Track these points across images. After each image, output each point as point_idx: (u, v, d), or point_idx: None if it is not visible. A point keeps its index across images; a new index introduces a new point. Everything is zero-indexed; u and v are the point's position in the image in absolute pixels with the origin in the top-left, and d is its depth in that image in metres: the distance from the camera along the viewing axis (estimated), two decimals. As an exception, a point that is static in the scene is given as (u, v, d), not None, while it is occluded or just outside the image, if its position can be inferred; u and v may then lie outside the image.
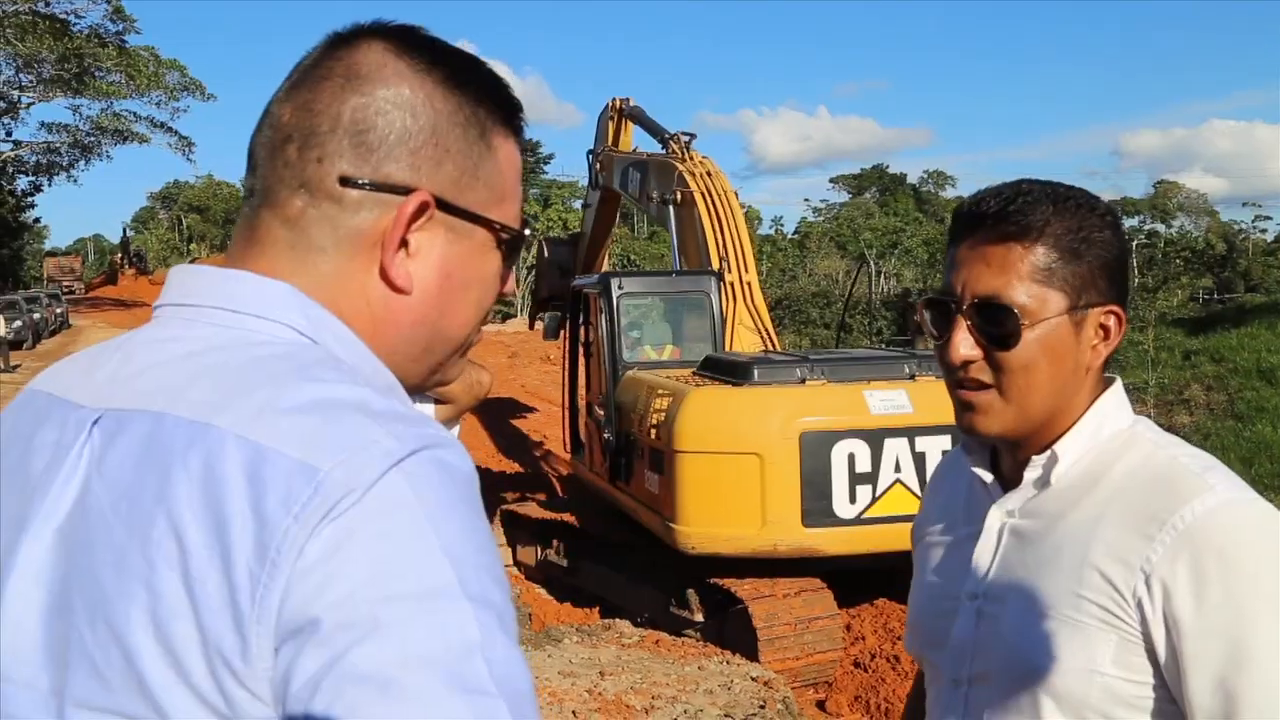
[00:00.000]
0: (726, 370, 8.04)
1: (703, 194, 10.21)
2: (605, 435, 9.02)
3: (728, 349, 9.19)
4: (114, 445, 0.79)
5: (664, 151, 11.50)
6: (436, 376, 0.96)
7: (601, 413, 9.31)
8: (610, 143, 12.99)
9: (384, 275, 0.87)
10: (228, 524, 0.71)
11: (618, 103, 13.31)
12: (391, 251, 0.86)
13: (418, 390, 0.95)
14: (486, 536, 0.76)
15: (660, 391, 8.10)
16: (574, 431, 10.77)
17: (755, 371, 7.65)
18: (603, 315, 9.23)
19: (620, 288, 9.33)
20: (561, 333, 11.32)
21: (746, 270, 9.91)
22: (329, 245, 0.86)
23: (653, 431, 8.00)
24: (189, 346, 0.83)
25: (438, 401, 2.31)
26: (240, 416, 0.75)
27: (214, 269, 0.87)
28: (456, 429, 2.49)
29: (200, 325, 0.85)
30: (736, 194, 10.58)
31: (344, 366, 0.82)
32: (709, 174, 10.63)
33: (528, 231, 0.95)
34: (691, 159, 10.93)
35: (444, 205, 0.88)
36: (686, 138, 11.39)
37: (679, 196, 10.40)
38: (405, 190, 0.86)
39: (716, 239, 9.95)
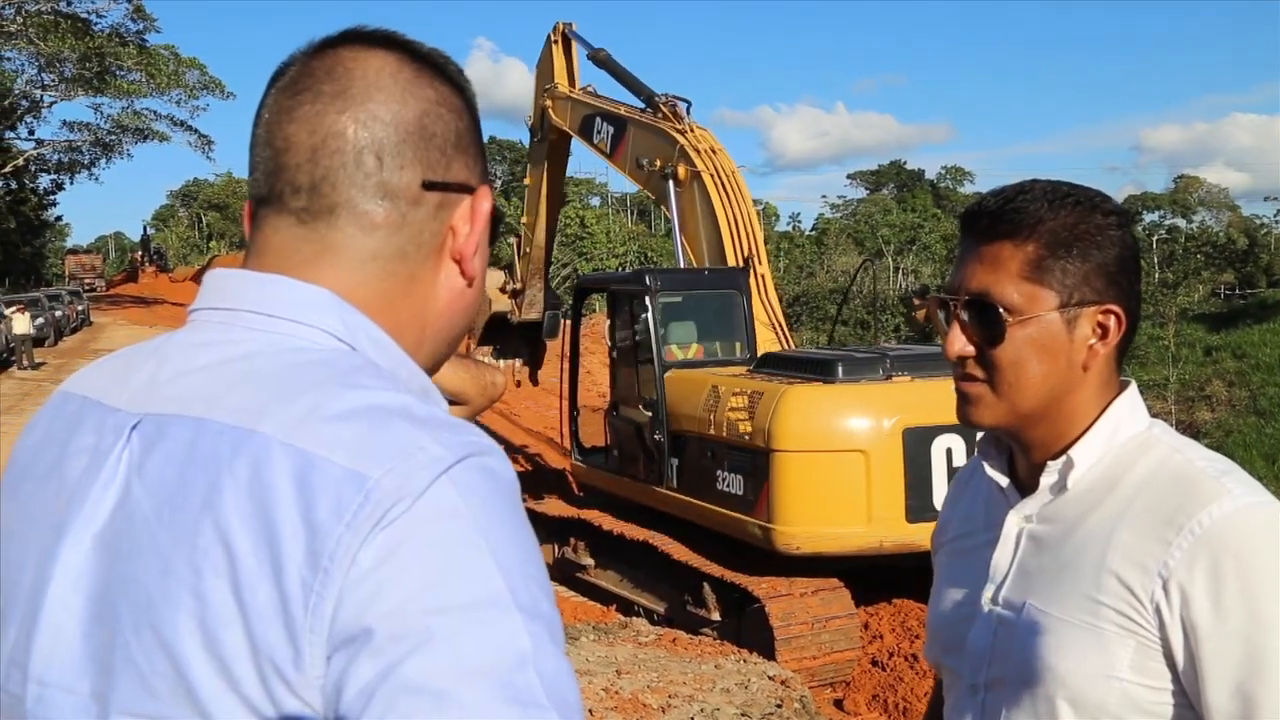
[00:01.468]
0: (801, 368, 8.01)
1: (712, 175, 9.78)
2: (655, 437, 8.82)
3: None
4: (155, 451, 0.79)
5: (647, 111, 10.70)
6: (444, 361, 0.99)
7: (646, 413, 9.05)
8: (566, 80, 11.87)
9: (462, 269, 0.91)
10: (278, 532, 0.71)
11: (561, 27, 11.96)
12: (473, 247, 0.91)
13: (432, 373, 0.97)
14: (533, 545, 0.76)
15: (738, 391, 8.01)
16: (574, 432, 10.60)
17: (840, 368, 7.65)
18: (647, 313, 9.05)
19: (658, 285, 9.17)
20: (561, 330, 11.02)
21: (760, 263, 9.70)
22: (411, 249, 0.88)
23: (732, 431, 7.91)
24: (225, 351, 0.83)
25: (453, 403, 2.32)
26: (284, 423, 0.75)
27: (250, 273, 0.88)
28: None
29: (237, 329, 0.85)
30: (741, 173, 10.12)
31: (383, 372, 0.83)
32: (713, 151, 10.07)
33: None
34: (692, 131, 10.27)
35: None
36: (684, 104, 10.54)
37: (681, 172, 9.89)
38: (471, 188, 0.91)
39: (731, 230, 9.64)
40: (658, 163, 10.19)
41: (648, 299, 9.06)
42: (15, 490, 0.89)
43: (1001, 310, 1.28)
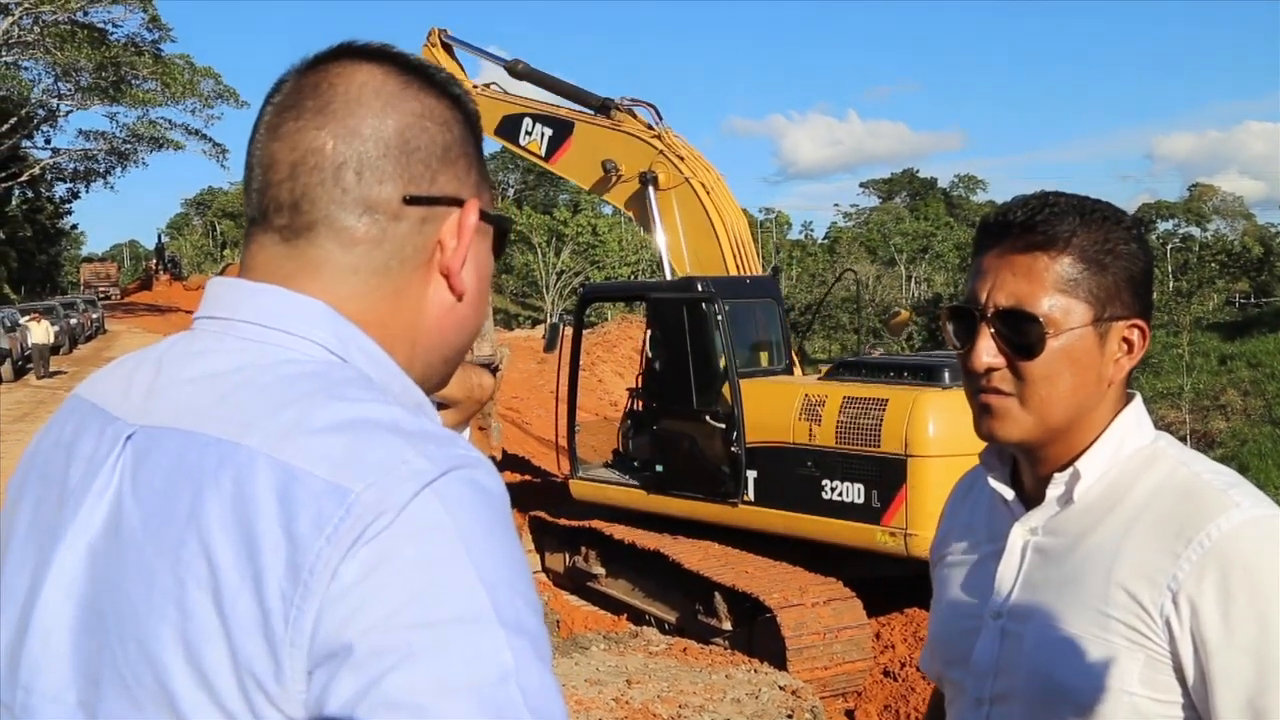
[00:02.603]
0: (899, 373, 8.04)
1: (701, 182, 9.68)
2: (732, 450, 8.68)
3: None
4: (146, 463, 0.80)
5: (599, 115, 10.40)
6: (449, 377, 0.98)
7: (717, 425, 8.82)
8: (466, 81, 11.45)
9: (450, 284, 0.90)
10: (259, 545, 0.71)
11: (437, 35, 11.48)
12: (460, 260, 0.89)
13: (433, 391, 0.97)
14: (520, 559, 0.76)
15: (852, 398, 7.98)
16: (572, 448, 10.31)
17: (947, 373, 7.70)
18: (711, 322, 8.88)
19: (712, 291, 9.00)
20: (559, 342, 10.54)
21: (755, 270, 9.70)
22: (394, 264, 0.87)
23: (850, 439, 7.90)
24: (219, 362, 0.84)
25: (440, 406, 2.29)
26: (269, 436, 0.75)
27: (246, 282, 0.88)
28: (466, 432, 2.48)
29: (230, 339, 0.85)
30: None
31: (374, 385, 0.83)
32: (694, 157, 9.93)
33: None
34: (669, 136, 10.04)
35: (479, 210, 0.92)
36: (649, 109, 10.25)
37: (663, 178, 9.73)
38: (458, 201, 0.89)
39: (730, 239, 9.56)
40: (623, 168, 9.99)
41: (714, 306, 8.87)
42: (24, 492, 0.90)
43: (1041, 322, 1.26)
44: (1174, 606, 1.20)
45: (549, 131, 10.63)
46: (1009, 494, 1.38)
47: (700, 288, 9.06)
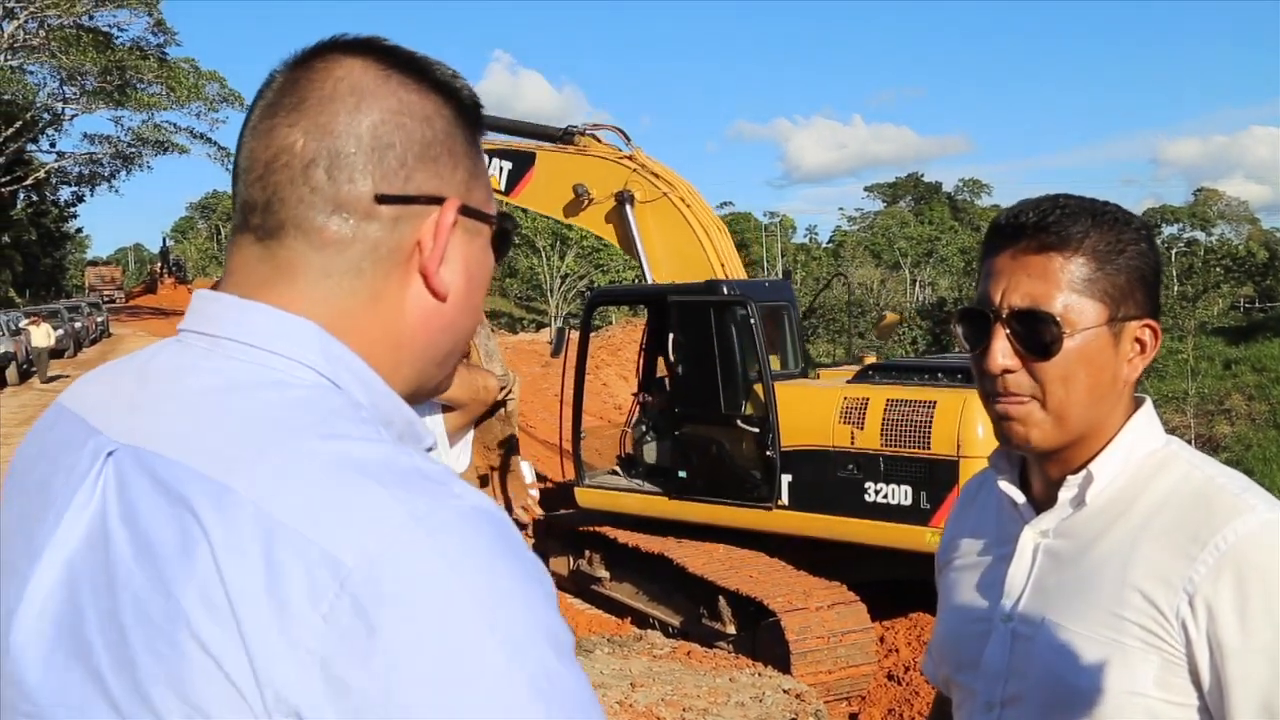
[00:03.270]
0: (936, 374, 8.06)
1: (681, 198, 9.79)
2: (768, 454, 8.62)
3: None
4: (131, 486, 0.77)
5: (559, 145, 10.46)
6: (448, 380, 0.96)
7: (748, 429, 8.79)
8: None
9: (428, 285, 0.87)
10: (245, 602, 0.69)
11: None
12: (436, 261, 0.86)
13: (432, 395, 0.95)
14: (518, 579, 0.73)
15: (896, 400, 7.99)
16: (577, 455, 10.25)
17: None
18: (742, 326, 8.85)
19: (737, 293, 8.98)
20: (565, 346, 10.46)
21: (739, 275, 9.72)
22: (368, 265, 0.85)
23: (897, 442, 7.91)
24: (205, 381, 0.81)
25: (445, 409, 2.25)
26: (256, 481, 0.72)
27: (234, 298, 0.85)
28: (469, 434, 2.45)
29: (217, 358, 0.82)
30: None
31: (363, 413, 0.80)
32: (667, 173, 10.04)
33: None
34: (640, 155, 10.12)
35: (463, 209, 0.89)
36: (616, 132, 10.33)
37: (640, 194, 9.82)
38: (438, 200, 0.86)
39: (715, 250, 9.60)
40: (594, 191, 10.06)
41: (746, 309, 8.83)
42: (10, 502, 0.87)
43: (1058, 322, 1.26)
44: (1190, 609, 1.20)
45: (508, 165, 10.63)
46: (1020, 497, 1.38)
47: (727, 290, 9.02)
